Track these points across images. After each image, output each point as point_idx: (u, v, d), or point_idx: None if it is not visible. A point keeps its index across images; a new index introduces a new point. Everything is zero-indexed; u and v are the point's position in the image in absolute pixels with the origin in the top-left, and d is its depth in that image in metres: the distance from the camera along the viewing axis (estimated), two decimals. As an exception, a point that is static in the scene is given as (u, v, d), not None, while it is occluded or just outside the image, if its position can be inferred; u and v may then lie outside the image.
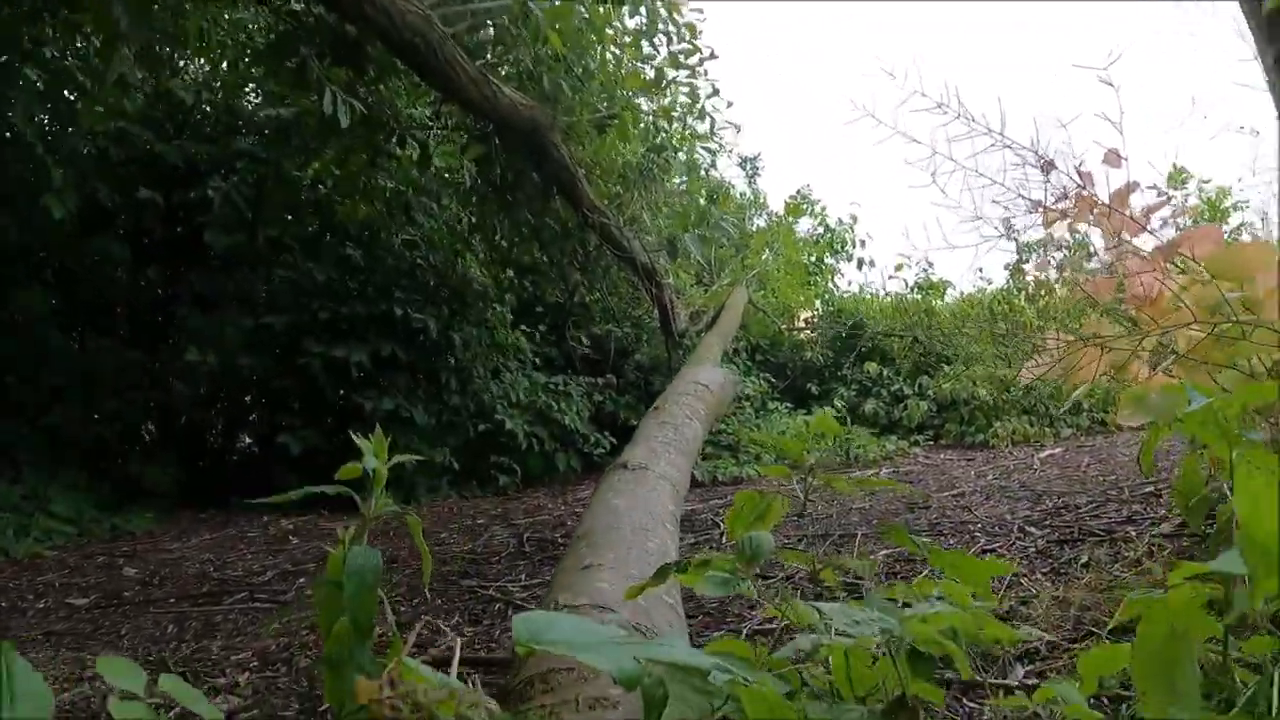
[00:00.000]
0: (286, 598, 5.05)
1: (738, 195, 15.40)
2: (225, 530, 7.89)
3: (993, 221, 3.77)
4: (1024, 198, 3.57)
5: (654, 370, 11.05)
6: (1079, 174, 3.32)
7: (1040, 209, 3.38)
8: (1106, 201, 3.34)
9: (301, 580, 5.61)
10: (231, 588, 5.51)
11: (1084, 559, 4.07)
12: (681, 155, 7.74)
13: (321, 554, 6.26)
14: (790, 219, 12.73)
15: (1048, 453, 8.48)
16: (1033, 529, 4.90)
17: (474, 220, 7.48)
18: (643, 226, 6.94)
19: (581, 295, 9.84)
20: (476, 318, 9.33)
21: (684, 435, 3.62)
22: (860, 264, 13.86)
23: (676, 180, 7.30)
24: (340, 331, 8.81)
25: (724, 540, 5.49)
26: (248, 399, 9.87)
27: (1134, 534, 4.44)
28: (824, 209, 12.86)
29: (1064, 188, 3.79)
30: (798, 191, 12.72)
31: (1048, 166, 3.45)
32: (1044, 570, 4.01)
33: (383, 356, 8.75)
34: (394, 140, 6.20)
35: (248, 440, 10.18)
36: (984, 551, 4.51)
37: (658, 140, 7.18)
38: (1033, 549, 4.42)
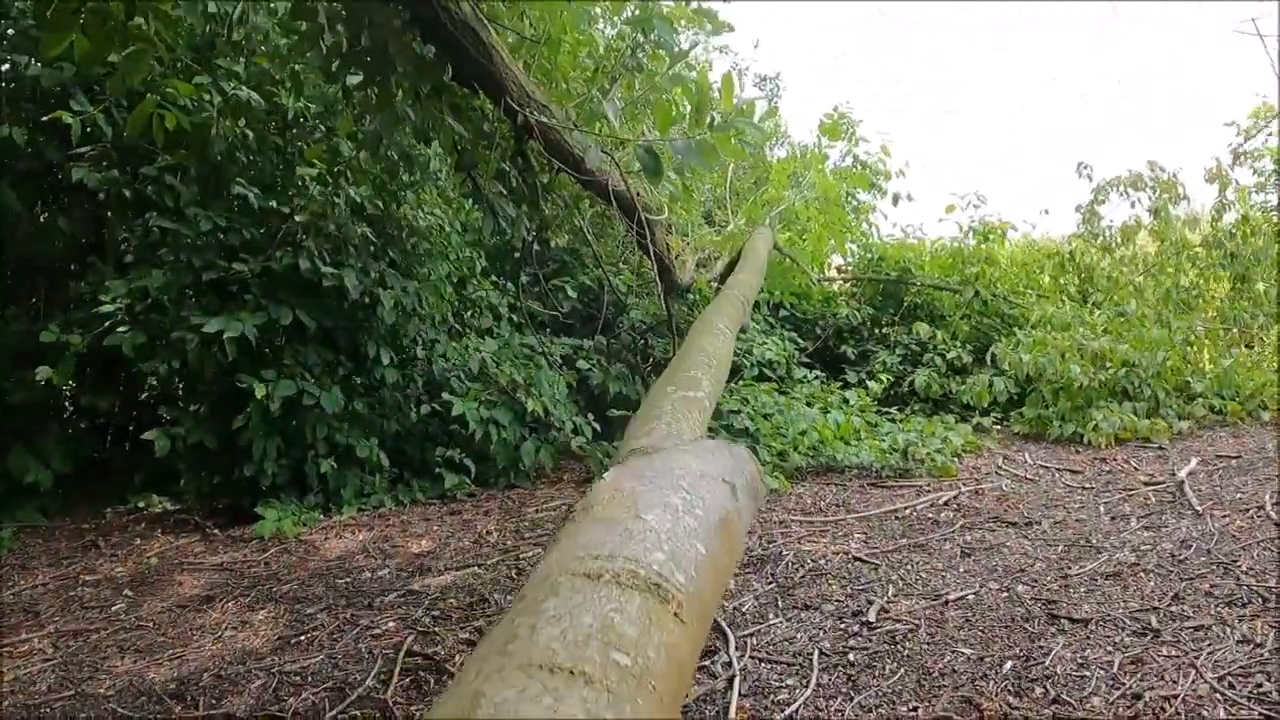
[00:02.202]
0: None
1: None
2: (74, 562, 5.47)
3: None
4: None
5: (653, 331, 8.33)
6: None
7: None
8: None
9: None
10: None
11: None
12: (687, 36, 4.85)
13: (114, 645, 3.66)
14: (826, 141, 9.68)
15: (1188, 470, 5.73)
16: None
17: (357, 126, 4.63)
18: (610, 133, 4.16)
19: (550, 237, 7.13)
20: (420, 269, 6.62)
21: None
22: (896, 199, 10.91)
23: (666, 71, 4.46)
24: (230, 295, 6.14)
25: None
26: (128, 382, 7.26)
27: None
28: (859, 134, 9.83)
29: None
30: (835, 109, 9.71)
31: None
32: None
33: (283, 325, 6.06)
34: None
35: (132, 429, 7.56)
36: None
37: (640, 11, 4.33)
38: None
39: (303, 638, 3.78)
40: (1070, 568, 3.99)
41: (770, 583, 4.06)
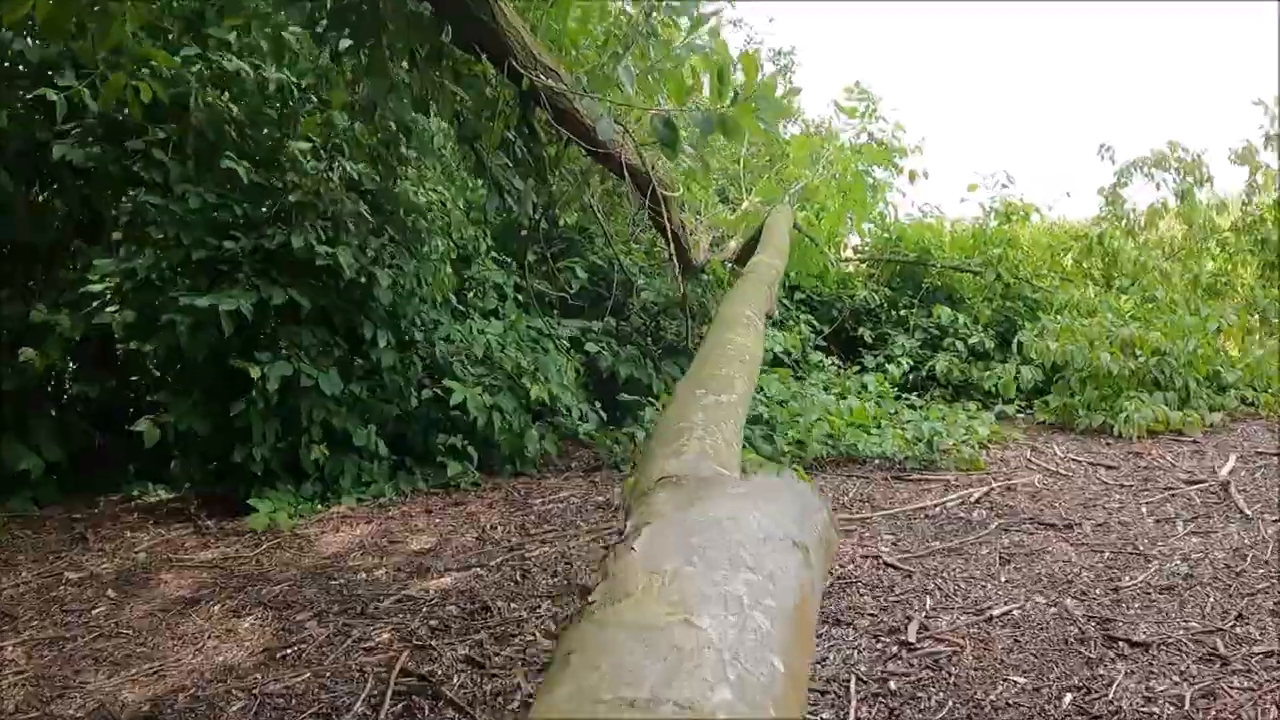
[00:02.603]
0: None
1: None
2: (60, 557, 5.19)
3: None
4: None
5: (665, 313, 7.98)
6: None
7: None
8: None
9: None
10: None
11: None
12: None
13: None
14: (845, 117, 9.17)
15: (1228, 468, 5.39)
16: None
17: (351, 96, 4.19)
18: (624, 100, 3.79)
19: (559, 214, 6.78)
20: (420, 248, 6.29)
21: None
22: (913, 176, 10.44)
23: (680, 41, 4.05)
24: (221, 274, 5.82)
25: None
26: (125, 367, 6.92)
27: None
28: (879, 110, 9.29)
29: None
30: (855, 83, 9.18)
31: None
32: None
33: (275, 305, 5.72)
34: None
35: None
36: None
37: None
38: None
39: (289, 651, 3.47)
40: (1120, 578, 3.66)
41: (794, 591, 3.74)
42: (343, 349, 6.27)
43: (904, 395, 7.72)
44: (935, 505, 4.86)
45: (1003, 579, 3.72)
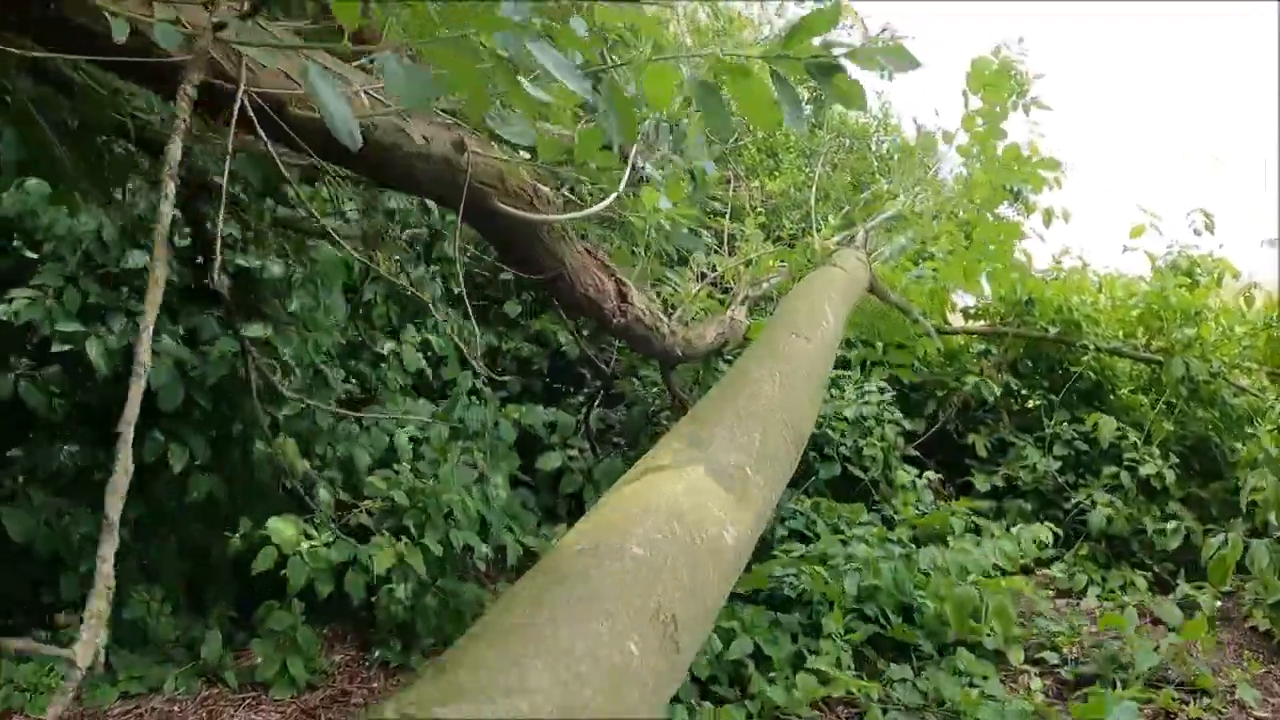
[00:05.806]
0: None
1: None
2: None
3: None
4: None
5: (654, 419, 5.18)
6: None
7: None
8: None
9: None
10: None
11: None
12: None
13: None
14: (984, 98, 5.59)
15: None
16: None
17: None
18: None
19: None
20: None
21: None
22: (1050, 217, 7.26)
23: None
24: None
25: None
26: None
27: None
28: (1027, 91, 5.91)
29: None
30: (997, 50, 5.53)
31: None
32: None
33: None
34: None
35: None
36: None
37: None
38: None
39: None
40: None
41: None
42: (100, 468, 3.78)
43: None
44: None
45: None
